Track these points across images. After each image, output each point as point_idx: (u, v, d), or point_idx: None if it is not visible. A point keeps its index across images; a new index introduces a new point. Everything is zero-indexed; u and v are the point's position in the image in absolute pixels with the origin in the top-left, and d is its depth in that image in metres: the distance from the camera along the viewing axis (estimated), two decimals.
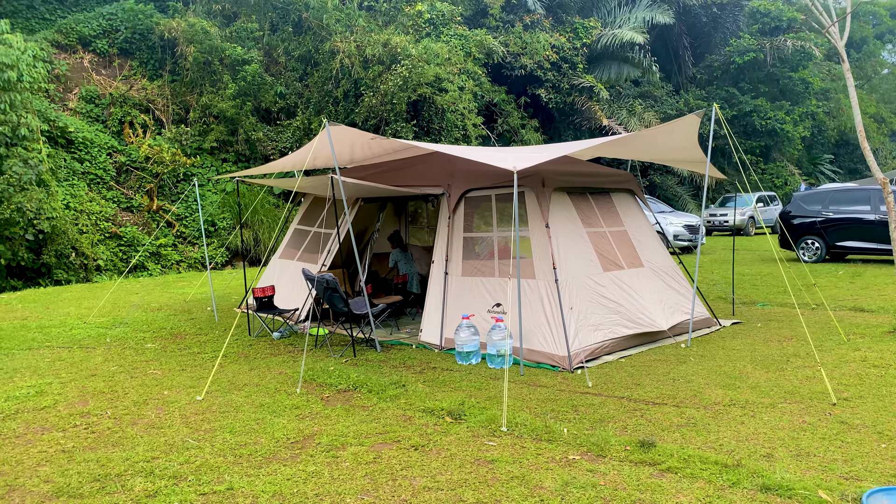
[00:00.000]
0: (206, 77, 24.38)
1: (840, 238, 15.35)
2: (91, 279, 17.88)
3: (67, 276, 17.34)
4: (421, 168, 9.24)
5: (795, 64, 35.46)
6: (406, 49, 23.29)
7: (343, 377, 6.82)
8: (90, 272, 18.36)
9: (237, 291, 12.94)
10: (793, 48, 33.69)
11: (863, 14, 41.64)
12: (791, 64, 35.35)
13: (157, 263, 20.79)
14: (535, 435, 5.13)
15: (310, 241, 10.33)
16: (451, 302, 8.24)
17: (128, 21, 24.87)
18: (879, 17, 42.07)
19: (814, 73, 37.09)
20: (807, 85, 36.15)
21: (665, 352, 7.77)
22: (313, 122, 24.93)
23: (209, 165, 23.81)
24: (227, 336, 8.50)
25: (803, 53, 34.39)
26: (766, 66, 34.92)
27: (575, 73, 29.94)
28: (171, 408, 5.98)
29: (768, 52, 34.25)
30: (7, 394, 6.35)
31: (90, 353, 8.00)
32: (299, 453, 4.92)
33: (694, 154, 8.80)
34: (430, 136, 24.88)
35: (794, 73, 35.55)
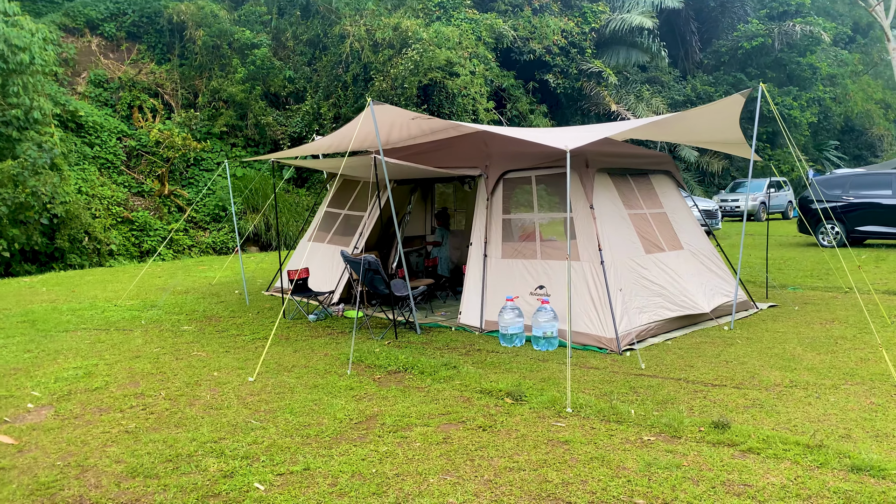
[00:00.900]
0: (214, 61, 24.17)
1: (860, 223, 15.30)
2: (104, 263, 17.78)
3: (81, 261, 17.23)
4: (456, 149, 9.14)
5: (803, 49, 35.27)
6: (417, 33, 23.08)
7: (391, 359, 6.75)
8: (103, 257, 18.24)
9: (262, 275, 12.85)
10: (801, 33, 33.50)
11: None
12: (799, 49, 35.17)
13: (170, 248, 20.69)
14: (602, 416, 5.07)
15: (340, 223, 10.23)
16: (490, 284, 8.17)
17: (135, 4, 24.62)
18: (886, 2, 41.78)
19: (821, 59, 36.93)
20: (814, 70, 35.99)
21: (709, 334, 7.71)
22: (322, 106, 24.76)
23: (219, 150, 23.66)
24: (277, 320, 8.43)
25: (811, 38, 34.21)
26: (773, 51, 34.73)
27: (583, 58, 29.72)
28: (224, 389, 5.90)
29: (776, 37, 34.06)
30: (55, 375, 6.27)
31: (128, 335, 7.91)
32: (366, 434, 4.85)
33: (733, 135, 8.70)
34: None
35: (801, 58, 35.37)
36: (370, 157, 7.48)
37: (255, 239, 22.43)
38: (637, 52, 31.65)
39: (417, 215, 11.34)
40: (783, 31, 33.93)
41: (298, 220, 23.03)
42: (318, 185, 24.25)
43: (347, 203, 10.28)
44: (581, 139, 6.80)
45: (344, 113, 24.70)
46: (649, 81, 34.11)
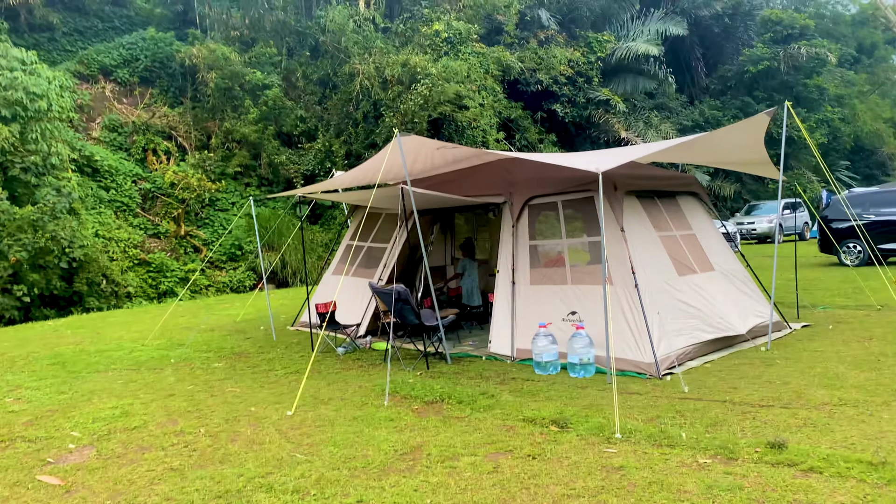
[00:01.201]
0: (227, 102, 24.46)
1: (884, 240, 15.17)
2: (121, 306, 17.79)
3: (99, 304, 17.25)
4: (479, 178, 9.15)
5: (809, 71, 35.42)
6: (426, 68, 23.33)
7: (427, 389, 6.67)
8: (120, 299, 18.27)
9: (284, 311, 12.80)
10: (807, 55, 33.68)
11: (873, 20, 41.73)
12: (805, 71, 35.32)
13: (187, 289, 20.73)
14: (652, 440, 4.96)
15: (363, 256, 10.21)
16: (520, 311, 8.10)
17: (147, 50, 25.02)
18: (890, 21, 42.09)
19: (828, 80, 37.07)
20: (821, 91, 36.10)
21: (747, 355, 7.60)
22: (334, 143, 24.97)
23: (233, 190, 23.83)
24: (311, 355, 8.36)
25: (817, 60, 34.37)
26: (780, 74, 34.88)
27: (591, 86, 29.95)
28: (263, 423, 5.83)
29: (782, 60, 34.23)
30: (93, 415, 6.21)
31: (160, 374, 7.86)
32: (413, 465, 4.76)
33: (759, 155, 8.68)
34: None
35: (808, 80, 35.52)
36: (398, 187, 7.48)
37: (271, 276, 22.46)
38: (644, 80, 31.87)
39: (437, 246, 11.31)
40: (789, 54, 34.11)
41: (312, 256, 23.07)
42: (331, 222, 24.36)
43: (370, 235, 10.27)
44: (611, 162, 6.79)
45: (355, 150, 24.89)
46: (657, 108, 34.26)
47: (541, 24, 30.73)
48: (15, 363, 8.74)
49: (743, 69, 35.26)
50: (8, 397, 7.00)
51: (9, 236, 14.85)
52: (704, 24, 35.87)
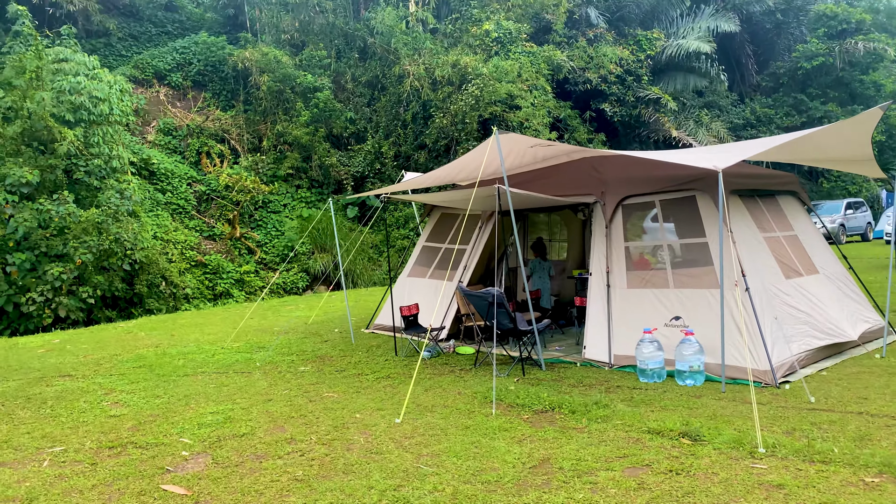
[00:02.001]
0: (278, 105, 24.52)
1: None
2: (179, 307, 17.86)
3: (158, 305, 17.33)
4: (564, 176, 8.86)
5: (866, 66, 34.44)
6: (477, 68, 23.12)
7: (532, 397, 6.41)
8: (178, 300, 18.35)
9: (355, 313, 12.65)
10: (864, 50, 32.72)
11: None
12: (861, 67, 34.34)
13: (242, 290, 20.77)
14: (802, 456, 4.65)
15: (441, 257, 10.00)
16: (617, 316, 7.80)
17: (200, 54, 25.19)
18: None
19: (884, 76, 35.99)
20: (878, 88, 35.05)
21: (862, 363, 7.22)
22: (383, 145, 24.90)
23: (284, 192, 23.85)
24: (416, 364, 8.17)
25: (874, 55, 33.39)
26: (835, 70, 33.95)
27: (640, 85, 29.44)
28: (374, 431, 5.63)
29: (837, 56, 33.33)
30: (196, 420, 6.07)
31: (250, 378, 7.73)
32: (548, 479, 4.51)
33: (864, 152, 8.26)
34: None
35: (864, 76, 34.53)
36: (493, 187, 7.23)
37: (325, 278, 22.44)
38: (695, 77, 31.25)
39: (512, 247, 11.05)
40: (845, 49, 33.19)
41: (363, 258, 23.01)
42: (379, 223, 24.28)
43: (447, 237, 10.06)
44: (728, 159, 6.46)
45: (404, 151, 24.79)
46: (707, 106, 33.60)
47: (589, 22, 30.32)
48: (101, 366, 8.68)
49: (796, 65, 34.40)
50: (105, 401, 6.90)
51: (74, 238, 14.95)
52: (755, 20, 35.10)
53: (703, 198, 7.56)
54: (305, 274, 22.05)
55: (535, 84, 24.49)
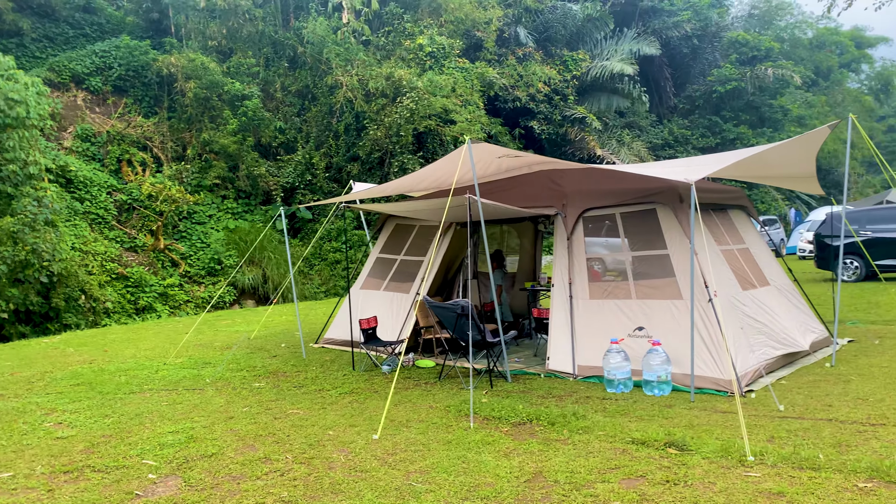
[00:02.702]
0: (205, 113, 23.74)
1: (881, 256, 15.41)
2: (99, 322, 16.93)
3: (76, 320, 16.38)
4: (525, 189, 8.85)
5: (774, 92, 36.38)
6: (411, 82, 23.08)
7: (507, 409, 6.31)
8: (98, 315, 17.41)
9: (293, 327, 12.26)
10: (773, 76, 34.55)
11: (829, 44, 43.19)
12: (770, 92, 36.25)
13: (165, 304, 19.90)
14: (791, 463, 4.71)
15: (397, 269, 9.81)
16: (580, 327, 7.82)
17: (122, 58, 24.14)
18: (844, 46, 43.69)
19: (790, 101, 38.11)
20: (785, 112, 37.10)
21: (815, 371, 7.47)
22: (314, 156, 24.52)
23: (210, 202, 23.07)
24: (377, 378, 7.89)
25: (782, 81, 35.30)
26: (746, 94, 35.69)
27: (566, 104, 30.15)
28: (353, 448, 5.39)
29: (749, 81, 35.06)
30: (155, 441, 5.67)
31: (203, 395, 7.31)
32: (548, 493, 4.41)
33: (807, 169, 8.62)
34: None
35: (773, 100, 36.45)
36: (464, 197, 7.12)
37: (252, 292, 21.78)
38: (618, 98, 32.22)
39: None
40: (755, 75, 34.94)
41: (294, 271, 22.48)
42: (311, 236, 23.82)
43: (403, 248, 9.88)
44: (698, 172, 6.57)
45: (336, 162, 24.49)
46: (628, 126, 34.69)
47: (518, 41, 30.87)
48: (33, 384, 8.05)
49: (711, 89, 35.97)
50: (47, 422, 6.38)
51: None
52: (673, 44, 36.54)
53: (663, 210, 7.69)
54: (233, 288, 21.34)
55: (468, 99, 24.65)
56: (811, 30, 44.44)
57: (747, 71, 35.10)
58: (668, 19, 35.49)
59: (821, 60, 42.73)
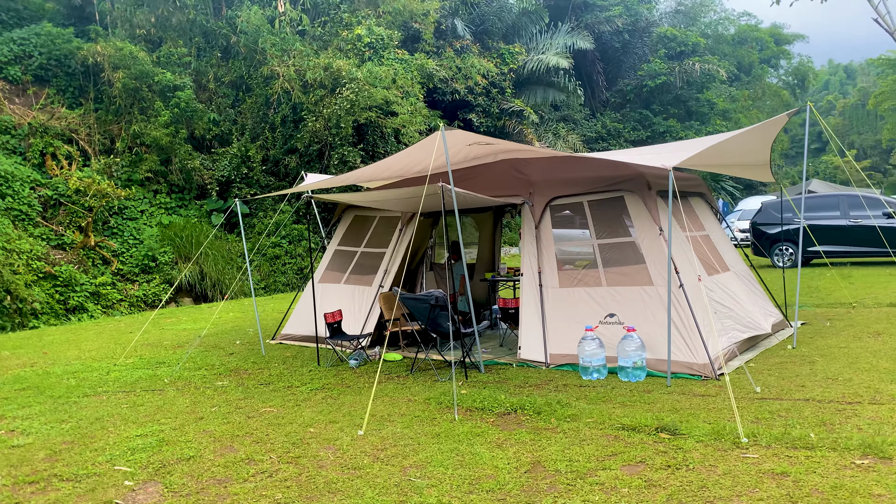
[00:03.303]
0: (135, 104, 22.76)
1: (813, 243, 16.01)
2: (26, 324, 16.03)
3: (2, 322, 15.46)
4: (489, 178, 8.75)
5: (701, 86, 37.50)
6: (351, 72, 22.71)
7: (491, 400, 6.21)
8: (25, 316, 16.48)
9: (241, 324, 11.86)
10: (700, 71, 35.58)
11: (750, 41, 44.75)
12: (697, 86, 37.35)
13: (98, 304, 19.00)
14: (785, 443, 4.77)
15: (357, 262, 9.57)
16: (551, 315, 7.78)
17: (42, 46, 22.86)
18: (765, 42, 45.35)
19: (716, 95, 39.35)
20: (711, 106, 38.29)
21: (780, 354, 7.64)
22: (250, 149, 23.86)
23: (142, 197, 22.15)
24: (345, 373, 7.64)
25: (708, 76, 36.40)
26: (675, 88, 36.67)
27: (504, 97, 30.32)
28: (339, 445, 5.19)
29: (677, 76, 36.01)
30: (124, 445, 5.32)
31: (164, 396, 6.94)
32: (553, 483, 4.33)
33: (763, 157, 8.81)
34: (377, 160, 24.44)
35: (700, 94, 37.57)
36: (437, 185, 6.96)
37: (189, 289, 21.04)
38: (554, 91, 32.59)
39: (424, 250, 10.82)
40: (683, 70, 35.92)
41: (232, 268, 21.91)
42: (249, 230, 23.22)
43: (363, 240, 9.65)
44: (676, 158, 6.60)
45: (273, 155, 23.92)
46: (563, 119, 35.15)
47: (456, 33, 30.82)
48: None
49: (641, 83, 36.78)
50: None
51: None
52: (605, 39, 37.17)
53: (631, 198, 7.72)
54: (168, 285, 20.56)
55: (409, 91, 24.43)
56: (733, 26, 45.93)
57: (676, 66, 36.04)
58: (601, 14, 36.08)
59: (742, 56, 44.22)
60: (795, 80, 51.42)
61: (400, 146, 24.53)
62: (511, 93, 30.46)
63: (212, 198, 23.25)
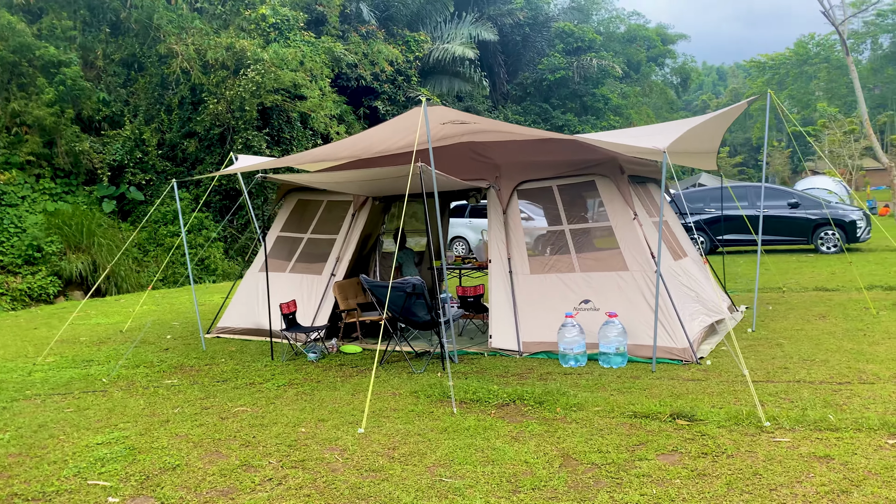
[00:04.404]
0: (13, 80, 20.72)
1: (722, 232, 16.67)
2: None
3: None
4: (448, 161, 8.34)
5: (597, 81, 38.54)
6: (256, 53, 21.67)
7: (484, 391, 5.88)
8: None
9: (158, 318, 10.92)
10: (597, 67, 36.56)
11: (639, 39, 46.47)
12: (593, 82, 38.36)
13: None
14: (807, 426, 4.73)
15: (304, 249, 8.95)
16: (522, 303, 7.54)
17: None
18: (652, 41, 47.22)
19: (610, 90, 40.59)
20: (606, 101, 39.45)
21: (744, 337, 7.75)
22: (144, 131, 22.34)
23: (22, 182, 20.22)
24: (306, 367, 7.03)
25: (604, 71, 37.47)
26: (572, 83, 37.49)
27: (410, 85, 29.96)
28: (343, 445, 4.71)
29: (575, 71, 36.85)
30: (87, 456, 4.60)
31: (110, 397, 6.15)
32: (597, 477, 4.07)
33: (714, 144, 8.93)
34: (282, 146, 23.53)
35: (596, 89, 38.61)
36: (416, 166, 6.51)
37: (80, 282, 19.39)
38: (459, 82, 32.51)
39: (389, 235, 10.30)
40: (581, 65, 36.79)
41: (128, 258, 20.48)
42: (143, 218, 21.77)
43: (310, 225, 9.04)
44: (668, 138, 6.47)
45: (170, 139, 22.51)
46: (467, 110, 35.14)
47: (361, 18, 30.10)
48: None
49: (541, 77, 37.37)
50: None
51: None
52: (506, 31, 37.46)
53: (602, 182, 7.59)
54: (57, 278, 18.89)
55: (319, 74, 23.59)
56: (623, 25, 47.55)
57: (574, 61, 36.85)
58: (503, 6, 36.32)
59: (632, 54, 45.83)
60: (679, 80, 53.91)
61: (307, 131, 23.71)
62: (417, 81, 30.11)
63: (102, 183, 21.57)
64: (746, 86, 67.30)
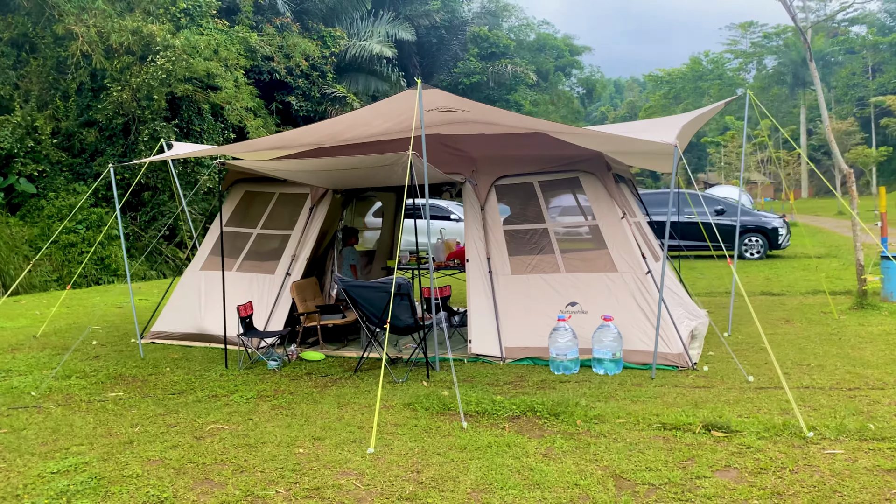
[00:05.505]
0: None
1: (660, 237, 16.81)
2: None
3: None
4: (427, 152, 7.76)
5: (510, 87, 38.78)
6: (166, 39, 20.27)
7: (487, 403, 5.35)
8: None
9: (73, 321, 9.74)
10: (511, 73, 36.75)
11: (548, 48, 47.22)
12: (507, 87, 38.57)
13: None
14: (852, 436, 4.47)
15: (252, 247, 8.11)
16: (504, 306, 7.05)
17: None
18: (560, 51, 48.10)
19: (523, 97, 40.95)
20: (519, 108, 39.73)
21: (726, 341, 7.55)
22: (37, 118, 20.49)
23: None
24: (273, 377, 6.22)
25: (517, 78, 37.73)
26: (486, 88, 37.54)
27: (325, 82, 29.05)
28: (356, 468, 4.05)
29: (490, 76, 36.91)
30: (48, 488, 3.73)
31: (49, 415, 5.18)
32: (662, 499, 3.62)
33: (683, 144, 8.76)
34: (192, 139, 22.17)
35: (509, 95, 38.83)
36: (404, 155, 5.88)
37: None
38: (376, 80, 31.83)
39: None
40: (496, 70, 36.89)
41: (18, 256, 18.67)
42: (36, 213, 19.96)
43: (259, 220, 8.21)
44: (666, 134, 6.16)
45: (66, 127, 20.74)
46: None
47: (276, 10, 28.91)
48: None
49: (457, 80, 37.19)
50: None
51: None
52: (422, 33, 37.07)
53: (587, 179, 7.23)
54: None
55: (234, 64, 22.35)
56: (533, 32, 48.19)
57: (489, 66, 36.90)
58: (420, 7, 35.93)
59: (541, 62, 46.49)
60: (584, 90, 55.22)
61: (218, 123, 22.45)
62: (333, 78, 29.19)
63: None
64: (644, 98, 69.93)
